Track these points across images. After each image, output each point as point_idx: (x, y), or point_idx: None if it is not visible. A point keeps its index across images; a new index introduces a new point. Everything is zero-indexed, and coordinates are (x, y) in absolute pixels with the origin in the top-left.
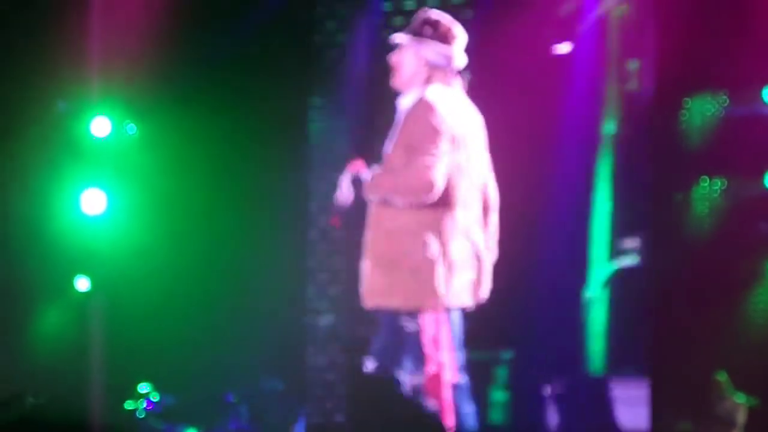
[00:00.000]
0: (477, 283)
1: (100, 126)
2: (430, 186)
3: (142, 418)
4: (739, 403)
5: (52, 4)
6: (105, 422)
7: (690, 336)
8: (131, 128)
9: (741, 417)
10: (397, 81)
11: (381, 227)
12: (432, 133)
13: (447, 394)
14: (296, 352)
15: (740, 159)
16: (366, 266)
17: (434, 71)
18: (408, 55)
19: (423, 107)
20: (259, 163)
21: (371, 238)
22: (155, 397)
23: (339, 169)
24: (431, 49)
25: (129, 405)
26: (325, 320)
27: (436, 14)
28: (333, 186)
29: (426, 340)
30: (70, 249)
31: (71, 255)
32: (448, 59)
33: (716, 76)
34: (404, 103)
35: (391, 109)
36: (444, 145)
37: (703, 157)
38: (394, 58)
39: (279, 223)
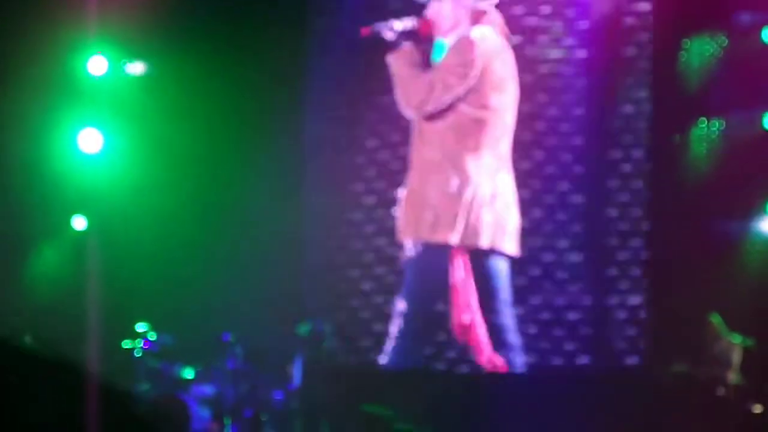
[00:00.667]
0: (503, 228)
1: (97, 65)
2: (416, 104)
3: (140, 357)
4: (735, 343)
5: None
6: (102, 361)
7: (685, 277)
8: (141, 67)
9: (736, 357)
10: (437, 31)
11: (414, 161)
12: (462, 70)
13: (476, 336)
14: (294, 292)
15: (739, 100)
16: (401, 197)
17: (476, 14)
18: (445, 8)
19: (464, 44)
20: (257, 105)
21: (409, 170)
22: (152, 337)
23: (335, 113)
24: None
25: (126, 344)
26: (322, 260)
27: None
28: (330, 128)
29: (453, 280)
30: (66, 188)
31: (68, 194)
32: (490, 2)
33: (715, 17)
34: (447, 42)
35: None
36: (462, 86)
37: (702, 98)
38: (431, 11)
39: (276, 165)
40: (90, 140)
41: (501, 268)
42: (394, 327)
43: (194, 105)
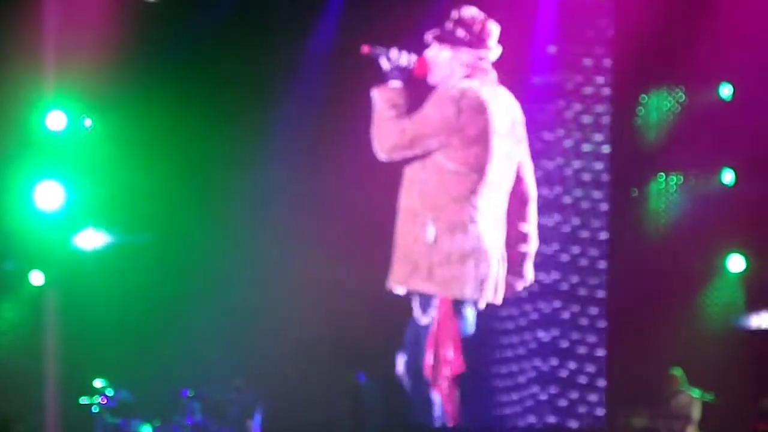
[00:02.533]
0: (482, 280)
1: (55, 120)
2: (387, 148)
3: (97, 412)
4: (695, 397)
5: None
6: (60, 417)
7: (646, 331)
8: (87, 122)
9: (696, 412)
10: (431, 76)
11: (399, 208)
12: (437, 119)
13: (446, 386)
14: (253, 347)
15: (697, 155)
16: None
17: (472, 70)
18: (443, 56)
19: (442, 95)
20: (217, 158)
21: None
22: (110, 392)
23: (298, 165)
24: (467, 53)
25: (84, 400)
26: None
27: (468, 13)
28: (292, 180)
29: (432, 330)
30: (24, 243)
31: (25, 249)
32: (484, 59)
33: (673, 73)
34: (439, 86)
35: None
36: (435, 139)
37: (660, 153)
38: (428, 55)
39: (236, 220)
40: (48, 195)
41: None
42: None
43: (153, 158)
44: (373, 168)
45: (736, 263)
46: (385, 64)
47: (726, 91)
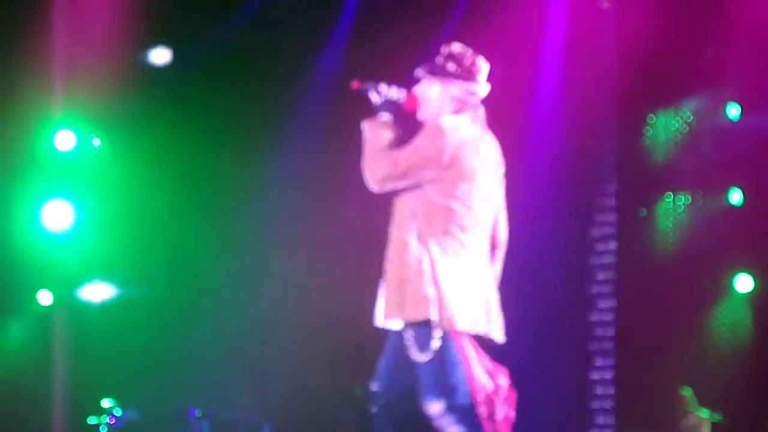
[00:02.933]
0: (486, 312)
1: (64, 140)
2: (378, 179)
3: None
4: (704, 418)
5: (15, 19)
6: None
7: (654, 351)
8: (96, 142)
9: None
10: (422, 113)
11: (390, 240)
12: (429, 153)
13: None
14: (260, 366)
15: (704, 175)
16: (381, 283)
17: (461, 105)
18: (433, 91)
19: (433, 129)
20: (225, 176)
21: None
22: (118, 412)
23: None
24: (457, 87)
25: (92, 420)
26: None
27: (459, 48)
28: (298, 200)
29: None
30: (32, 263)
31: (33, 269)
32: (474, 94)
33: (680, 93)
34: (430, 121)
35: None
36: (428, 172)
37: (668, 172)
38: (418, 91)
39: (242, 239)
40: (56, 215)
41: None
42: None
43: (162, 178)
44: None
45: (743, 283)
46: (375, 98)
47: (733, 111)
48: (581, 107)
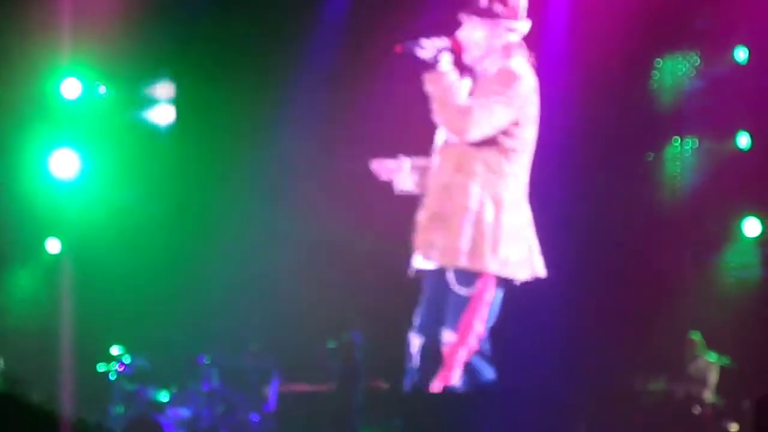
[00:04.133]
0: (528, 259)
1: (70, 87)
2: (468, 130)
3: (114, 379)
4: (712, 362)
5: None
6: (77, 384)
7: (662, 295)
8: (102, 89)
9: (713, 376)
10: (468, 55)
11: (438, 180)
12: (509, 100)
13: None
14: (269, 313)
15: (712, 118)
16: (421, 218)
17: (508, 45)
18: (478, 34)
19: (508, 75)
20: (232, 129)
21: (430, 190)
22: (127, 359)
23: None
24: (505, 27)
25: (101, 367)
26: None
27: None
28: (305, 154)
29: (471, 305)
30: (40, 211)
31: (42, 217)
32: (517, 31)
33: (688, 37)
34: (487, 68)
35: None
36: (506, 115)
37: (675, 117)
38: (462, 35)
39: (251, 190)
40: (63, 163)
41: (504, 296)
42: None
43: (167, 127)
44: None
45: (752, 227)
46: (424, 53)
47: (741, 54)
48: (588, 54)
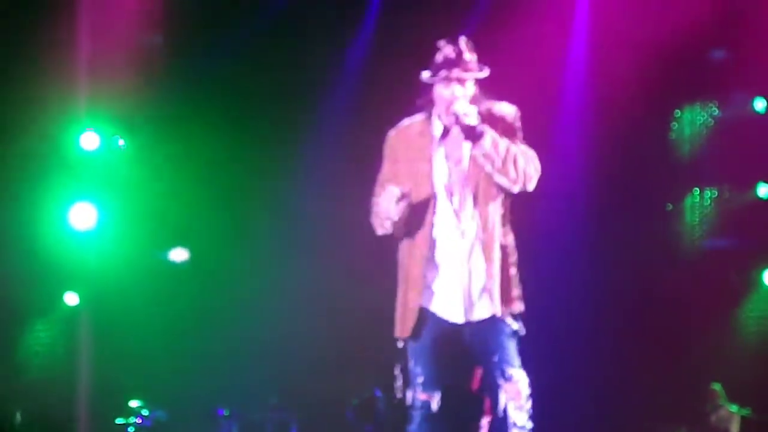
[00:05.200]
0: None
1: (89, 140)
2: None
3: None
4: (733, 412)
5: (40, 18)
6: None
7: (684, 345)
8: (120, 142)
9: (735, 427)
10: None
11: (478, 243)
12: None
13: None
14: (288, 365)
15: (731, 169)
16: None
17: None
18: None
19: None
20: (249, 178)
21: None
22: (146, 413)
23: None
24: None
25: (120, 420)
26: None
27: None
28: (323, 201)
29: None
30: (58, 264)
31: (60, 270)
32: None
33: (706, 87)
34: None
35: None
36: None
37: (695, 167)
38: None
39: (267, 240)
40: (82, 215)
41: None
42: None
43: (184, 178)
44: None
45: None
46: (469, 119)
47: (760, 105)
48: (607, 104)
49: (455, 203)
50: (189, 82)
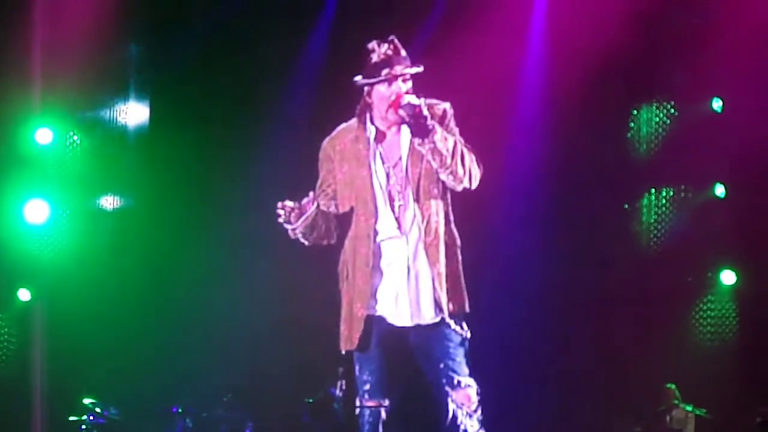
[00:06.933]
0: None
1: (43, 136)
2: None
3: (86, 430)
4: (689, 412)
5: None
6: None
7: (639, 346)
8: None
9: (690, 427)
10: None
11: (446, 241)
12: None
13: None
14: (242, 363)
15: (688, 168)
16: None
17: None
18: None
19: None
20: (206, 173)
21: None
22: (99, 410)
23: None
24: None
25: (72, 418)
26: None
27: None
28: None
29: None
30: (12, 259)
31: (13, 265)
32: None
33: (663, 87)
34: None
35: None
36: None
37: (651, 167)
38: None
39: (223, 231)
40: (36, 210)
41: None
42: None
43: (136, 174)
44: None
45: (727, 277)
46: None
47: (717, 104)
48: (564, 103)
49: (396, 207)
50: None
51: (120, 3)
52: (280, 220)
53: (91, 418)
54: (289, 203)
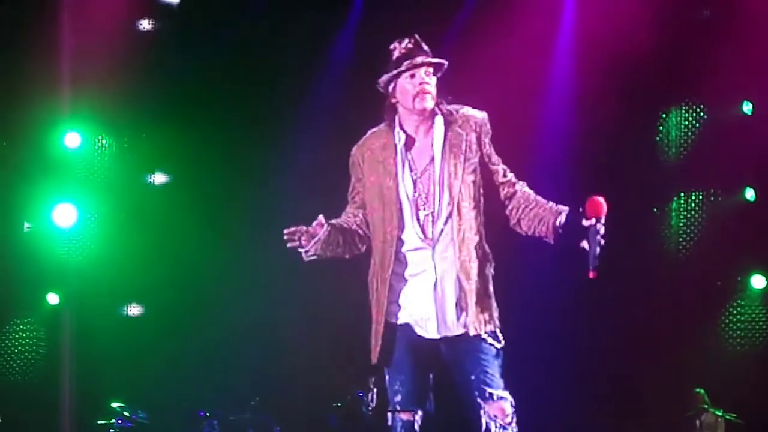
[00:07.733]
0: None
1: (71, 140)
2: None
3: None
4: (719, 417)
5: (24, 20)
6: None
7: (668, 350)
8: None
9: (720, 431)
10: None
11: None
12: None
13: None
14: (270, 366)
15: (718, 172)
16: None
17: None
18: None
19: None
20: (231, 177)
21: None
22: (127, 413)
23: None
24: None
25: (101, 421)
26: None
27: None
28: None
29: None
30: (41, 264)
31: (43, 269)
32: None
33: (693, 89)
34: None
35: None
36: None
37: (681, 170)
38: (431, 82)
39: (250, 238)
40: (65, 215)
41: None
42: None
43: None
44: None
45: (758, 281)
46: None
47: (747, 107)
48: (593, 105)
49: (421, 217)
50: (173, 78)
51: (146, 6)
52: (290, 245)
53: (119, 421)
54: (293, 228)
